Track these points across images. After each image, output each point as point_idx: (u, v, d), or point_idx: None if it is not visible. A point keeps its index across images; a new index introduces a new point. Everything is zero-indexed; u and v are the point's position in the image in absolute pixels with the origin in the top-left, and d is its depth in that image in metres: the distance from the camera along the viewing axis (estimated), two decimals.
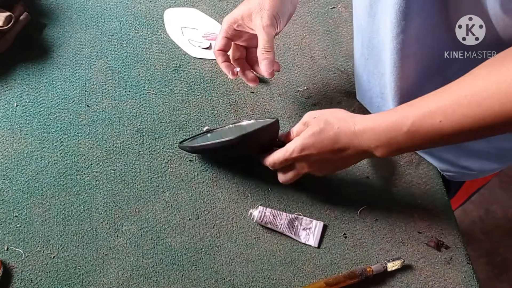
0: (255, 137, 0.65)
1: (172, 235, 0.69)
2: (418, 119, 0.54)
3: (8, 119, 0.76)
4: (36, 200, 0.70)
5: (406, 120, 0.55)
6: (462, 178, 0.82)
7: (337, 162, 0.64)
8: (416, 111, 0.55)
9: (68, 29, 0.85)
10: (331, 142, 0.61)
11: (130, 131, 0.76)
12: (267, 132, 0.66)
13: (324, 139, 0.61)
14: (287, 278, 0.67)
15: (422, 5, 0.56)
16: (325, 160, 0.63)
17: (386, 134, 0.57)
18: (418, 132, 0.55)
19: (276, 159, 0.65)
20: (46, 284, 0.64)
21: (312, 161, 0.63)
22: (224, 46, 0.72)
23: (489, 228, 1.75)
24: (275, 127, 0.67)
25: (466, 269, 0.69)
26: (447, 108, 0.52)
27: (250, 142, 0.66)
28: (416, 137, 0.55)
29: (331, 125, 0.61)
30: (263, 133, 0.66)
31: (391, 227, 0.72)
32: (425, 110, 0.54)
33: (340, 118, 0.62)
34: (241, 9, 0.68)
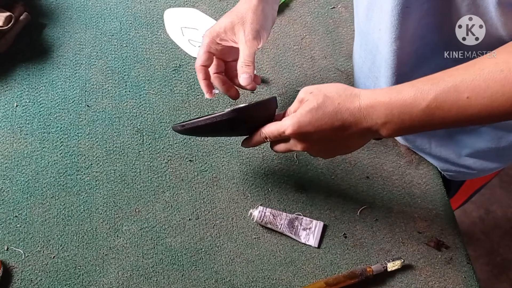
0: (249, 114, 0.60)
1: (172, 235, 0.69)
2: (442, 94, 0.49)
3: (8, 119, 0.76)
4: (36, 200, 0.70)
5: (427, 94, 0.50)
6: (462, 177, 0.82)
7: (336, 143, 0.58)
8: (440, 85, 0.50)
9: (68, 29, 0.85)
10: (330, 119, 0.55)
11: (130, 131, 0.76)
12: (262, 109, 0.61)
13: (322, 115, 0.55)
14: (287, 278, 0.67)
15: (421, 7, 0.56)
16: (323, 140, 0.57)
17: (400, 110, 0.52)
18: (439, 109, 0.50)
19: (269, 133, 0.60)
20: (46, 284, 0.64)
21: (309, 140, 0.58)
22: (206, 60, 0.69)
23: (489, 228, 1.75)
24: (271, 105, 0.62)
25: (466, 269, 0.69)
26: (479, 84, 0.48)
27: (244, 119, 0.60)
28: (435, 115, 0.50)
29: (330, 100, 0.55)
30: (258, 110, 0.61)
31: (391, 227, 0.72)
32: (450, 85, 0.49)
33: (341, 92, 0.56)
34: (222, 23, 0.67)
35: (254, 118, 0.61)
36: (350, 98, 0.55)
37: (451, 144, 0.73)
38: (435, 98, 0.50)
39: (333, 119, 0.55)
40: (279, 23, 0.89)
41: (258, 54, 0.85)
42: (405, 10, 0.56)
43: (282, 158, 0.76)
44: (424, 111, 0.51)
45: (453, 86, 0.49)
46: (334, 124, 0.55)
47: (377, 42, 0.64)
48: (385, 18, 0.59)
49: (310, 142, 0.58)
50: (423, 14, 0.57)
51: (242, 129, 0.63)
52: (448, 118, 0.50)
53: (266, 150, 0.76)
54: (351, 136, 0.56)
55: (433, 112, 0.50)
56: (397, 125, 0.53)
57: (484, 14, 0.52)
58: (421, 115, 0.51)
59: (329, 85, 0.58)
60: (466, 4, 0.53)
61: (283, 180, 0.74)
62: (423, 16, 0.58)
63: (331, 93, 0.56)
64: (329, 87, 0.57)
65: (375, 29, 0.63)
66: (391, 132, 0.54)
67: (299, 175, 0.75)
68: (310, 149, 0.59)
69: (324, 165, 0.76)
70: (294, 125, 0.56)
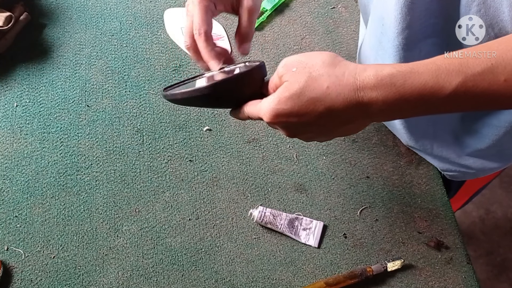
0: (229, 88, 0.51)
1: (172, 235, 0.69)
2: (473, 78, 0.41)
3: (8, 119, 0.76)
4: (36, 200, 0.70)
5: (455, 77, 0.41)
6: (463, 177, 0.82)
7: (327, 129, 0.48)
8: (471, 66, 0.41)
9: (68, 29, 0.85)
10: (316, 106, 0.44)
11: (130, 131, 0.76)
12: (246, 81, 0.52)
13: (307, 103, 0.44)
14: (287, 278, 0.67)
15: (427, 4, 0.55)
16: (310, 128, 0.48)
17: (417, 97, 0.42)
18: (466, 94, 0.41)
19: (251, 113, 0.51)
20: (46, 284, 0.64)
21: (291, 128, 0.48)
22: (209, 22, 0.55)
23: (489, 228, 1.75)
24: (257, 74, 0.53)
25: (466, 269, 0.69)
26: None
27: (223, 94, 0.52)
28: (460, 100, 0.42)
29: (317, 82, 0.44)
30: (241, 82, 0.52)
31: (391, 227, 0.72)
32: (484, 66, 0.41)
33: (331, 72, 0.44)
34: None
35: (237, 91, 0.52)
36: (343, 78, 0.44)
37: (453, 145, 0.73)
38: (463, 83, 0.41)
39: (321, 106, 0.44)
40: (279, 23, 0.89)
41: (258, 54, 0.85)
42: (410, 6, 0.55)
43: (282, 158, 0.76)
44: (448, 97, 0.42)
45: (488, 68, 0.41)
46: (322, 112, 0.45)
47: (380, 38, 0.63)
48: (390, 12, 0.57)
49: (294, 130, 0.49)
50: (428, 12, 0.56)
51: (224, 103, 0.55)
52: (475, 104, 0.43)
53: (266, 150, 0.76)
54: (342, 122, 0.47)
55: (459, 97, 0.42)
56: (408, 114, 0.45)
57: (495, 15, 0.51)
58: (443, 102, 0.42)
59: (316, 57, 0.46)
60: (476, 4, 0.52)
61: (283, 180, 0.74)
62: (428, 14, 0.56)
63: (317, 72, 0.44)
64: (316, 62, 0.45)
65: (379, 24, 0.62)
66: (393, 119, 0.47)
67: (299, 175, 0.75)
68: (296, 136, 0.50)
69: (324, 165, 0.76)
70: (271, 113, 0.46)
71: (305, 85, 0.44)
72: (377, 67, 0.43)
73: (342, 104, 0.44)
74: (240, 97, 0.53)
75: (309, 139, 0.51)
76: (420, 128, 0.72)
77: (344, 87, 0.43)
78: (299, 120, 0.46)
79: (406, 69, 0.43)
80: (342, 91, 0.43)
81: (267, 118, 0.47)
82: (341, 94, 0.43)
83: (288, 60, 0.47)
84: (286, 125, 0.48)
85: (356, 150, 0.78)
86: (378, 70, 0.43)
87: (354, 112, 0.44)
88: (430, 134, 0.73)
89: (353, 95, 0.43)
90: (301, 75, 0.45)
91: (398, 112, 0.44)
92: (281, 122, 0.47)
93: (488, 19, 0.52)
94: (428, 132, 0.73)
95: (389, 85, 0.42)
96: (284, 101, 0.45)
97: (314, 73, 0.45)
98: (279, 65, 0.48)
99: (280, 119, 0.47)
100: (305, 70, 0.45)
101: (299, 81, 0.45)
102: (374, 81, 0.43)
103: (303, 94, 0.45)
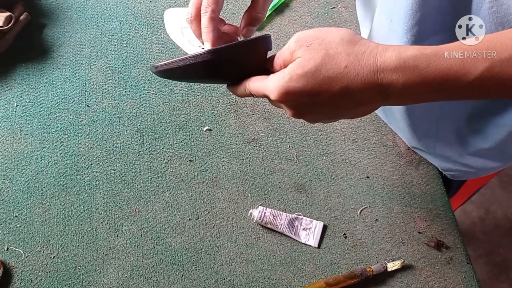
0: (230, 57, 0.47)
1: (172, 235, 0.69)
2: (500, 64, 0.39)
3: (8, 119, 0.75)
4: (36, 200, 0.70)
5: (480, 62, 0.39)
6: (463, 177, 0.82)
7: (337, 111, 0.45)
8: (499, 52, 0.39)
9: (68, 29, 0.85)
10: (332, 86, 0.42)
11: (130, 131, 0.76)
12: (248, 51, 0.48)
13: (322, 81, 0.41)
14: (287, 278, 0.67)
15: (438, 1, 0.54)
16: (321, 108, 0.45)
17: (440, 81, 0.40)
18: (491, 80, 0.40)
19: (254, 90, 0.48)
20: (46, 284, 0.64)
21: (299, 107, 0.45)
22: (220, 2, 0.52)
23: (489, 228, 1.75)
24: (261, 46, 0.48)
25: (466, 269, 0.69)
26: None
27: (224, 63, 0.47)
28: (485, 86, 0.40)
29: (335, 61, 0.41)
30: (243, 52, 0.48)
31: (391, 227, 0.72)
32: None
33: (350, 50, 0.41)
34: None
35: (239, 61, 0.48)
36: (363, 58, 0.41)
37: (456, 144, 0.73)
38: (490, 68, 0.39)
39: (336, 86, 0.41)
40: (279, 23, 0.89)
41: None
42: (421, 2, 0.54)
43: (282, 158, 0.76)
44: (472, 83, 0.40)
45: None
46: (337, 92, 0.42)
47: (387, 35, 0.63)
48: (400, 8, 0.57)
49: (301, 111, 0.46)
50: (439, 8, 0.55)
51: (224, 75, 0.50)
52: (499, 91, 0.41)
53: (266, 150, 0.76)
54: (357, 104, 0.44)
55: (483, 83, 0.40)
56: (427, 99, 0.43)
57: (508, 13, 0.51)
58: (466, 88, 0.40)
59: (334, 33, 0.43)
60: (488, 1, 0.51)
61: (283, 180, 0.74)
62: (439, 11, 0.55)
63: (335, 50, 0.42)
64: (333, 38, 0.42)
65: (387, 20, 0.62)
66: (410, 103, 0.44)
67: (299, 175, 0.75)
68: (302, 117, 0.47)
69: (324, 165, 0.76)
70: (280, 90, 0.43)
71: (321, 63, 0.41)
72: (400, 48, 0.41)
73: (359, 85, 0.41)
74: (242, 69, 0.49)
75: (315, 121, 0.49)
76: (423, 127, 0.72)
77: (364, 68, 0.41)
78: (310, 100, 0.43)
79: (431, 51, 0.40)
80: (361, 71, 0.41)
81: (275, 96, 0.44)
82: (360, 75, 0.41)
83: (302, 35, 0.44)
84: (295, 104, 0.45)
85: (356, 150, 0.78)
86: (401, 51, 0.41)
87: (371, 94, 0.42)
88: (433, 133, 0.73)
89: (372, 76, 0.41)
90: (317, 51, 0.42)
91: (417, 96, 0.42)
92: (290, 101, 0.44)
93: (499, 16, 0.51)
94: (431, 131, 0.73)
95: (412, 68, 0.40)
96: (296, 79, 0.42)
97: (332, 50, 0.42)
98: (291, 39, 0.44)
99: (289, 97, 0.43)
100: (322, 47, 0.42)
101: (315, 58, 0.42)
102: (396, 62, 0.40)
103: (318, 72, 0.41)
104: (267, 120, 0.79)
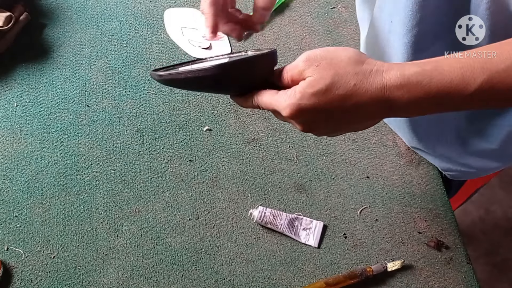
0: (239, 71, 0.48)
1: (172, 235, 0.69)
2: (497, 75, 0.41)
3: (8, 119, 0.75)
4: (36, 200, 0.70)
5: (479, 74, 0.41)
6: (463, 177, 0.82)
7: (345, 125, 0.48)
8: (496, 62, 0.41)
9: (68, 29, 0.85)
10: (342, 103, 0.44)
11: (130, 131, 0.76)
12: (256, 66, 0.49)
13: (331, 100, 0.44)
14: (287, 278, 0.67)
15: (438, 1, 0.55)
16: (329, 123, 0.47)
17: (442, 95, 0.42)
18: (491, 91, 0.41)
19: (263, 104, 0.49)
20: (46, 284, 0.64)
21: (310, 124, 0.47)
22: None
23: (489, 228, 1.75)
24: (269, 61, 0.50)
25: (466, 269, 0.69)
26: None
27: (231, 77, 0.49)
28: (485, 97, 0.42)
29: (344, 79, 0.43)
30: (251, 66, 0.49)
31: (391, 227, 0.72)
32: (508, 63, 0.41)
33: (358, 69, 0.44)
34: None
35: (246, 76, 0.49)
36: (370, 76, 0.44)
37: (457, 144, 0.73)
38: (488, 80, 0.41)
39: (346, 102, 0.44)
40: (279, 23, 0.89)
41: None
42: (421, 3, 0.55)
43: (282, 158, 0.76)
44: (472, 94, 0.42)
45: None
46: (348, 108, 0.44)
47: (387, 35, 0.63)
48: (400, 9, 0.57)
49: (312, 126, 0.48)
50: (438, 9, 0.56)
51: (230, 88, 0.52)
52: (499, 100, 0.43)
53: (266, 150, 0.76)
54: (365, 118, 0.46)
55: (483, 94, 0.42)
56: (431, 111, 0.45)
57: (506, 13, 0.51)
58: (467, 99, 0.42)
59: (341, 53, 0.45)
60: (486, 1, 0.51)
61: (283, 180, 0.74)
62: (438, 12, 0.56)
63: (344, 70, 0.44)
64: (341, 59, 0.45)
65: (387, 21, 0.62)
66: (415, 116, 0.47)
67: (299, 175, 0.75)
68: (311, 132, 0.49)
69: (324, 165, 0.76)
70: (292, 108, 0.45)
71: (331, 82, 0.44)
72: (403, 66, 0.44)
73: (368, 101, 0.44)
74: (248, 82, 0.50)
75: (322, 134, 0.51)
76: (424, 127, 0.72)
77: (371, 85, 0.43)
78: (321, 116, 0.46)
79: (431, 67, 0.43)
80: (369, 88, 0.43)
81: (287, 113, 0.46)
82: (368, 92, 0.43)
83: (311, 55, 0.46)
84: (305, 120, 0.47)
85: (356, 150, 0.78)
86: (404, 69, 0.43)
87: (379, 109, 0.45)
88: (434, 133, 0.73)
89: (379, 93, 0.43)
90: (326, 71, 0.44)
91: (422, 109, 0.44)
92: (302, 117, 0.46)
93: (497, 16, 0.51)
94: (432, 131, 0.73)
95: (415, 84, 0.42)
96: (308, 97, 0.44)
97: (341, 70, 0.44)
98: (299, 58, 0.47)
99: (301, 114, 0.45)
100: (331, 67, 0.44)
101: (325, 77, 0.44)
102: (401, 79, 0.43)
103: (328, 91, 0.44)
104: (267, 120, 0.79)
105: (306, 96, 0.44)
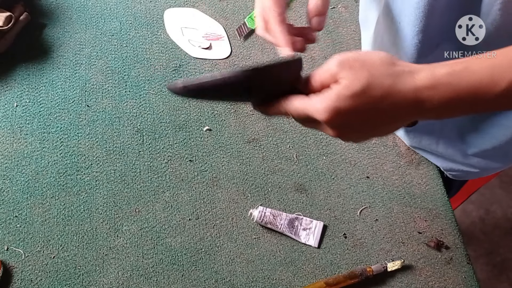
0: (270, 75, 0.47)
1: (172, 235, 0.69)
2: None
3: (8, 119, 0.75)
4: (36, 200, 0.70)
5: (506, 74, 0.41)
6: (465, 177, 0.82)
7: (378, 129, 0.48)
8: None
9: (68, 29, 0.85)
10: (377, 105, 0.44)
11: (130, 131, 0.76)
12: (285, 70, 0.49)
13: (367, 102, 0.44)
14: (287, 278, 0.67)
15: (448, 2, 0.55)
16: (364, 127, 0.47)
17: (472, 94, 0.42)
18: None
19: (294, 110, 0.48)
20: (46, 284, 0.64)
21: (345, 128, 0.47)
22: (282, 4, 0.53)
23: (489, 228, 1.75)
24: (297, 67, 0.49)
25: (466, 269, 0.69)
26: None
27: (262, 81, 0.47)
28: None
29: (378, 81, 0.43)
30: (281, 71, 0.48)
31: (391, 227, 0.72)
32: None
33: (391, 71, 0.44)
34: None
35: (275, 80, 0.48)
36: (403, 77, 0.44)
37: (459, 144, 0.73)
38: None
39: (382, 103, 0.44)
40: None
41: (258, 55, 0.85)
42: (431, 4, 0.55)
43: (282, 158, 0.76)
44: (501, 93, 0.42)
45: None
46: (384, 109, 0.44)
47: (394, 37, 0.63)
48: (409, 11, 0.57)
49: (347, 130, 0.47)
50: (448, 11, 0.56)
51: (257, 93, 0.50)
52: None
53: (266, 150, 0.76)
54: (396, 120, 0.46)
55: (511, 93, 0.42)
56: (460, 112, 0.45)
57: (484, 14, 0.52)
58: (496, 98, 0.42)
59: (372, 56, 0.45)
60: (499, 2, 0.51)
61: (283, 180, 0.74)
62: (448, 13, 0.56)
63: (378, 71, 0.44)
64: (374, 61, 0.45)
65: (395, 23, 0.62)
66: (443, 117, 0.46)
67: (299, 175, 0.75)
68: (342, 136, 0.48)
69: (324, 165, 0.76)
70: (329, 111, 0.44)
71: (366, 83, 0.43)
72: (434, 67, 0.44)
73: (402, 102, 0.44)
74: (275, 88, 0.49)
75: (352, 139, 0.50)
76: (426, 126, 0.72)
77: (404, 86, 0.43)
78: (358, 118, 0.45)
79: (461, 68, 0.43)
80: (402, 89, 0.43)
81: (324, 116, 0.45)
82: (401, 92, 0.43)
83: (342, 58, 0.45)
84: (341, 124, 0.46)
85: (356, 150, 0.78)
86: (435, 70, 0.44)
87: (411, 109, 0.45)
88: (436, 132, 0.73)
89: (412, 93, 0.43)
90: (360, 73, 0.44)
91: (451, 110, 0.44)
92: (338, 120, 0.45)
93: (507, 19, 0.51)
94: (434, 130, 0.73)
95: (446, 85, 0.43)
96: (344, 99, 0.43)
97: (374, 71, 0.44)
98: (330, 62, 0.46)
99: (338, 117, 0.44)
100: (364, 68, 0.44)
101: (359, 79, 0.43)
102: (432, 80, 0.43)
103: (364, 93, 0.43)
104: (267, 120, 0.79)
105: (343, 98, 0.44)
